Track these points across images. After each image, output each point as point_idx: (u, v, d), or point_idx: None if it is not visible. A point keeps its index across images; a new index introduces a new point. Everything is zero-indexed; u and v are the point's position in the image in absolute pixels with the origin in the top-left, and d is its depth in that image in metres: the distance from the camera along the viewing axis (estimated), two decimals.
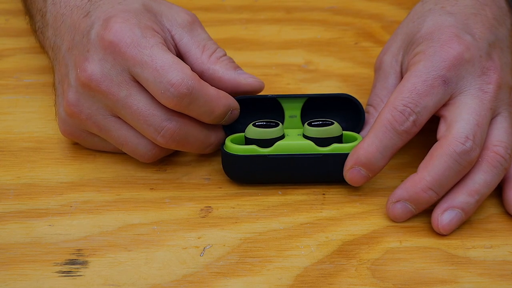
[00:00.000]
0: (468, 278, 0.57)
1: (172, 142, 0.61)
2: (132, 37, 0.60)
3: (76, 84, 0.61)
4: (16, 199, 0.63)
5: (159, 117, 0.60)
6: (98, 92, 0.60)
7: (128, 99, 0.60)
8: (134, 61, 0.59)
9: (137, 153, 0.63)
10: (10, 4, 0.81)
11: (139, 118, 0.60)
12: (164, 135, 0.60)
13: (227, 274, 0.57)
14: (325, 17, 0.81)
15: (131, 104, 0.60)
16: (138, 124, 0.61)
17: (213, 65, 0.63)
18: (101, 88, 0.60)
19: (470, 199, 0.60)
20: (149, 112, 0.60)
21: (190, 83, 0.59)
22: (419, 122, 0.60)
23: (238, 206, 0.62)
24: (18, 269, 0.58)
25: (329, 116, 0.65)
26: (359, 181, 0.61)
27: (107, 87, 0.60)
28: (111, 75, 0.60)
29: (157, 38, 0.60)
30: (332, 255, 0.59)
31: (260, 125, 0.62)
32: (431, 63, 0.61)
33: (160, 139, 0.60)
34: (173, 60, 0.59)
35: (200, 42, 0.64)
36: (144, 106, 0.60)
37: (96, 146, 0.65)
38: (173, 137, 0.61)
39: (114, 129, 0.62)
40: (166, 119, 0.60)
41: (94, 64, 0.60)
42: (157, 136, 0.60)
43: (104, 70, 0.60)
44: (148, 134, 0.61)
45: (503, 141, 0.61)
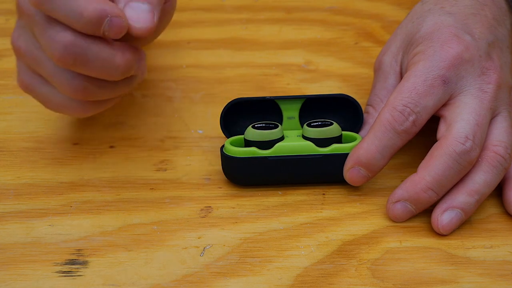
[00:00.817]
0: (468, 278, 0.57)
1: (69, 56, 0.56)
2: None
3: (17, 16, 0.60)
4: (16, 199, 0.63)
5: (54, 28, 0.56)
6: (22, 14, 0.58)
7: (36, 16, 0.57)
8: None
9: (63, 84, 0.58)
10: (10, 4, 0.81)
11: (39, 31, 0.57)
12: (58, 47, 0.56)
13: (227, 274, 0.57)
14: (325, 17, 0.81)
15: (37, 20, 0.57)
16: (39, 37, 0.57)
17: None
18: (23, 9, 0.58)
19: (470, 199, 0.60)
20: (45, 23, 0.56)
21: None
22: (418, 122, 0.60)
23: (238, 206, 0.62)
24: (18, 269, 0.58)
25: (328, 117, 0.65)
26: (359, 181, 0.62)
27: (26, 8, 0.58)
28: None
29: None
30: (332, 255, 0.59)
31: (260, 127, 0.62)
32: (431, 63, 0.61)
33: (55, 52, 0.56)
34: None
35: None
36: (41, 17, 0.57)
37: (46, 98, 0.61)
38: (68, 48, 0.56)
39: (44, 60, 0.59)
40: (61, 30, 0.56)
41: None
42: (51, 48, 0.56)
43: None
44: (47, 49, 0.57)
45: (503, 140, 0.61)
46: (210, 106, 0.70)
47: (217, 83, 0.73)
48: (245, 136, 0.63)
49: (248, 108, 0.65)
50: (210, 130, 0.68)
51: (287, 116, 0.65)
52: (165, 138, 0.68)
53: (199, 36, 0.78)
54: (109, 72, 0.58)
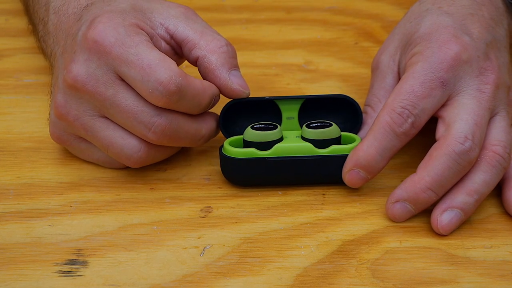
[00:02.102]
0: (468, 278, 0.57)
1: (164, 138, 0.60)
2: (116, 36, 0.59)
3: (63, 86, 0.61)
4: (16, 199, 0.63)
5: (148, 113, 0.59)
6: (84, 93, 0.60)
7: (116, 97, 0.60)
8: (120, 61, 0.59)
9: (122, 156, 0.62)
10: (10, 4, 0.81)
11: (128, 116, 0.60)
12: (155, 131, 0.60)
13: (227, 274, 0.57)
14: (325, 17, 0.81)
15: (119, 102, 0.59)
16: (127, 121, 0.60)
17: (210, 53, 0.62)
18: (87, 89, 0.60)
19: (469, 199, 0.60)
20: (138, 109, 0.59)
21: (178, 80, 0.58)
22: (417, 124, 0.60)
23: (238, 206, 0.62)
24: (18, 269, 0.58)
25: (327, 117, 0.65)
26: (358, 183, 0.62)
27: (93, 87, 0.60)
28: (96, 75, 0.60)
29: (141, 36, 0.60)
30: (332, 255, 0.59)
31: (259, 127, 0.62)
32: (429, 65, 0.61)
33: (151, 135, 0.60)
34: (159, 57, 0.59)
35: (197, 28, 0.63)
36: (132, 103, 0.59)
37: (83, 153, 0.64)
38: (164, 132, 0.60)
39: (101, 129, 0.61)
40: (155, 115, 0.59)
41: (80, 65, 0.60)
42: (148, 132, 0.60)
43: (89, 70, 0.60)
44: (138, 131, 0.60)
45: (501, 140, 0.61)
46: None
47: None
48: (244, 137, 0.63)
49: (247, 108, 0.65)
50: None
51: (286, 116, 0.65)
52: None
53: None
54: (195, 143, 0.63)
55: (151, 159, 0.63)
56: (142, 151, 0.61)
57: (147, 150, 0.62)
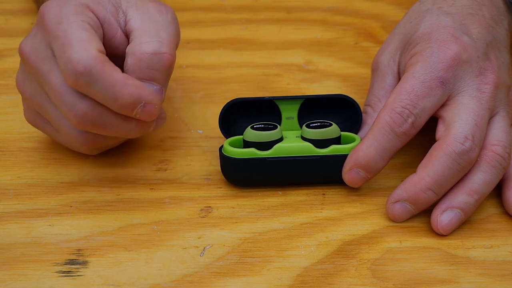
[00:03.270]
0: (468, 278, 0.57)
1: (87, 123, 0.58)
2: (57, 13, 0.58)
3: (20, 62, 0.61)
4: (16, 199, 0.63)
5: (72, 95, 0.58)
6: (29, 67, 0.60)
7: (49, 74, 0.59)
8: (51, 36, 0.58)
9: (71, 136, 0.60)
10: (10, 4, 0.81)
11: (55, 95, 0.58)
12: (77, 114, 0.58)
13: (227, 274, 0.57)
14: (325, 17, 0.81)
15: (51, 79, 0.58)
16: (55, 101, 0.59)
17: (130, 55, 0.59)
18: (30, 62, 0.59)
19: (469, 199, 0.60)
20: (64, 89, 0.58)
21: (89, 62, 0.56)
22: (417, 123, 0.60)
23: (238, 206, 0.62)
24: (18, 269, 0.58)
25: (326, 117, 0.65)
26: (357, 183, 0.62)
27: (34, 61, 0.59)
28: (38, 49, 0.59)
29: (81, 16, 0.58)
30: (332, 255, 0.59)
31: (259, 127, 0.62)
32: (429, 64, 0.61)
33: (73, 118, 0.58)
34: (84, 38, 0.57)
35: (146, 26, 0.60)
36: (61, 82, 0.58)
37: (51, 135, 0.64)
38: (86, 118, 0.58)
39: (49, 110, 0.60)
40: (79, 98, 0.58)
41: (28, 39, 0.60)
42: (70, 115, 0.58)
43: (33, 44, 0.59)
44: (64, 113, 0.59)
45: (501, 140, 0.61)
46: (210, 106, 0.71)
47: (217, 83, 0.73)
48: (244, 137, 0.63)
49: (247, 108, 0.65)
50: (210, 130, 0.68)
51: (286, 116, 0.65)
52: (165, 138, 0.68)
53: (199, 36, 0.78)
54: (125, 133, 0.60)
55: (99, 142, 0.61)
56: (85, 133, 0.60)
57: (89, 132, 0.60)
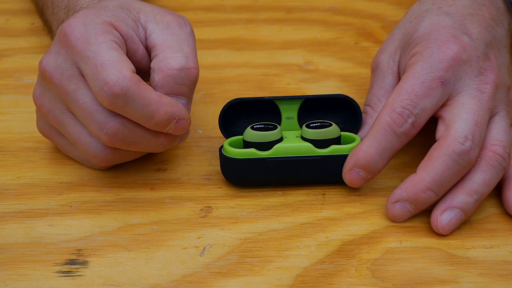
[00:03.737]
0: (468, 278, 0.57)
1: (117, 140, 0.59)
2: (82, 32, 0.59)
3: (39, 77, 0.61)
4: (16, 199, 0.63)
5: (103, 113, 0.58)
6: (52, 84, 0.60)
7: (76, 93, 0.59)
8: (80, 56, 0.58)
9: (89, 153, 0.61)
10: (10, 4, 0.81)
11: (85, 113, 0.59)
12: (108, 133, 0.59)
13: (227, 274, 0.57)
14: (325, 17, 0.81)
15: (78, 98, 0.59)
16: (84, 119, 0.59)
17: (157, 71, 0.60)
18: (53, 80, 0.60)
19: (469, 199, 0.60)
20: (93, 108, 0.59)
21: (125, 84, 0.57)
22: (417, 124, 0.60)
23: (238, 206, 0.62)
24: (18, 269, 0.58)
25: (326, 117, 0.65)
26: (358, 183, 0.62)
27: (58, 79, 0.59)
28: (62, 68, 0.59)
29: (108, 35, 0.59)
30: (332, 255, 0.59)
31: (259, 128, 0.62)
32: (429, 64, 0.61)
33: (104, 136, 0.59)
34: (116, 59, 0.58)
35: (169, 40, 0.61)
36: (90, 101, 0.59)
37: (63, 148, 0.64)
38: (117, 135, 0.59)
39: (69, 125, 0.61)
40: (110, 116, 0.58)
41: (50, 56, 0.60)
42: (101, 133, 0.59)
43: (57, 63, 0.60)
44: (93, 131, 0.59)
45: (501, 140, 0.61)
46: (210, 106, 0.70)
47: (217, 83, 0.73)
48: (244, 137, 0.63)
49: (246, 108, 0.65)
50: (210, 130, 0.68)
51: (285, 117, 0.65)
52: None
53: (199, 36, 0.78)
54: (153, 148, 0.61)
55: (118, 158, 0.62)
56: (107, 150, 0.61)
57: (112, 149, 0.61)
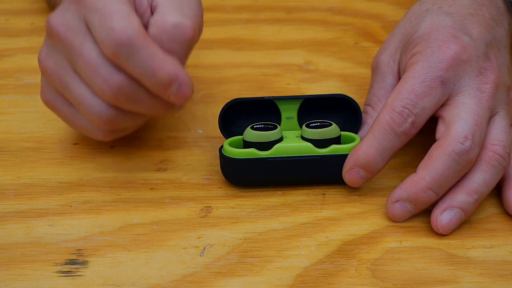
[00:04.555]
0: (468, 278, 0.57)
1: (121, 97, 0.58)
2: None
3: (45, 37, 0.60)
4: (16, 199, 0.63)
5: (109, 67, 0.57)
6: (57, 41, 0.59)
7: (82, 47, 0.58)
8: (89, 7, 0.57)
9: (92, 114, 0.59)
10: (10, 4, 0.82)
11: (89, 67, 0.58)
12: (112, 86, 0.57)
13: (227, 274, 0.57)
14: (325, 17, 0.81)
15: (83, 52, 0.58)
16: (88, 73, 0.58)
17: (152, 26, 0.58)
18: (59, 35, 0.59)
19: (469, 198, 0.60)
20: (99, 62, 0.57)
21: (131, 33, 0.56)
22: (417, 123, 0.60)
23: (238, 206, 0.62)
24: (18, 269, 0.58)
25: (326, 117, 0.65)
26: (358, 183, 0.62)
27: (64, 34, 0.58)
28: (69, 22, 0.58)
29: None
30: (332, 255, 0.59)
31: (259, 128, 0.62)
32: (429, 64, 0.61)
33: (108, 89, 0.57)
34: (126, 11, 0.57)
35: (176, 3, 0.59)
36: (96, 55, 0.57)
37: (68, 119, 0.63)
38: (121, 89, 0.57)
39: (73, 86, 0.59)
40: (115, 70, 0.57)
41: (58, 12, 0.59)
42: (105, 86, 0.57)
43: (64, 18, 0.59)
44: (97, 85, 0.58)
45: (501, 140, 0.61)
46: (210, 106, 0.71)
47: (217, 83, 0.73)
48: (244, 137, 0.63)
49: (246, 108, 0.65)
50: (210, 130, 0.68)
51: (285, 116, 0.65)
52: (165, 138, 0.68)
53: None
54: (155, 110, 0.60)
55: (121, 121, 0.60)
56: (111, 110, 0.59)
57: (116, 110, 0.59)
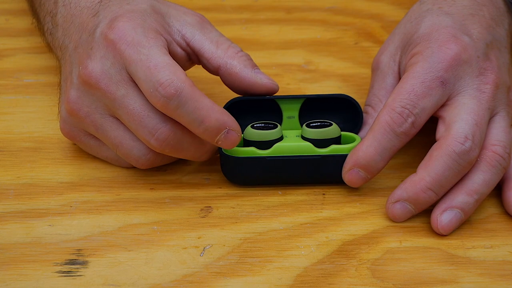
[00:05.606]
0: (468, 278, 0.57)
1: (166, 146, 0.60)
2: (133, 36, 0.59)
3: (78, 82, 0.61)
4: (16, 199, 0.63)
5: (154, 119, 0.59)
6: (97, 90, 0.60)
7: (125, 98, 0.59)
8: (131, 59, 0.59)
9: (131, 157, 0.62)
10: (10, 4, 0.81)
11: (134, 119, 0.59)
12: (158, 138, 0.59)
13: (227, 274, 0.57)
14: (325, 17, 0.81)
15: (128, 104, 0.59)
16: (133, 125, 0.60)
17: (230, 59, 0.63)
18: (100, 86, 0.60)
19: (469, 199, 0.60)
20: (144, 114, 0.59)
21: (179, 85, 0.57)
22: (417, 123, 0.60)
23: (238, 206, 0.62)
24: (18, 269, 0.58)
25: (327, 117, 0.65)
26: (357, 183, 0.62)
27: (106, 85, 0.60)
28: (110, 73, 0.60)
29: (158, 40, 0.60)
30: (332, 255, 0.59)
31: (259, 127, 0.62)
32: (429, 64, 0.61)
33: (154, 142, 0.59)
34: (169, 62, 0.58)
35: (213, 38, 0.63)
36: (140, 107, 0.59)
37: (92, 150, 0.65)
38: (167, 141, 0.59)
39: (111, 129, 0.61)
40: (161, 122, 0.59)
41: (95, 62, 0.60)
42: (151, 138, 0.59)
43: (104, 68, 0.60)
44: (142, 136, 0.60)
45: (501, 140, 0.61)
46: None
47: (217, 83, 0.73)
48: (244, 136, 0.63)
49: (248, 107, 0.65)
50: None
51: (286, 116, 0.65)
52: None
53: None
54: (198, 156, 0.62)
55: (159, 161, 0.63)
56: (150, 154, 0.61)
57: (156, 153, 0.61)
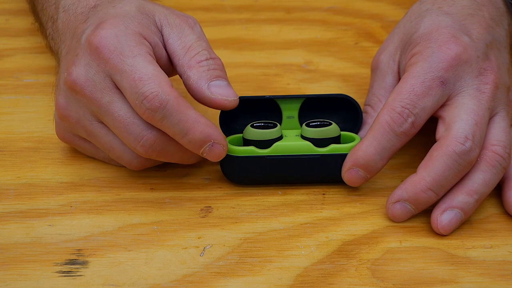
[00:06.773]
0: (468, 278, 0.57)
1: (152, 152, 0.60)
2: (116, 44, 0.59)
3: (64, 88, 0.61)
4: (16, 199, 0.63)
5: (140, 126, 0.59)
6: (82, 97, 0.60)
7: (110, 105, 0.59)
8: (116, 69, 0.59)
9: (123, 160, 0.62)
10: (10, 4, 0.81)
11: (119, 126, 0.59)
12: (144, 145, 0.59)
13: (227, 274, 0.57)
14: (325, 17, 0.81)
15: (113, 111, 0.59)
16: (119, 131, 0.60)
17: (188, 69, 0.61)
18: (85, 93, 0.60)
19: (469, 199, 0.60)
20: (129, 120, 0.59)
21: (164, 97, 0.57)
22: (417, 123, 0.60)
23: (238, 206, 0.62)
24: (18, 269, 0.58)
25: (327, 117, 0.65)
26: (357, 182, 0.62)
27: (91, 92, 0.60)
28: (95, 80, 0.60)
29: (142, 47, 0.59)
30: (332, 255, 0.59)
31: (258, 126, 0.62)
32: (429, 64, 0.61)
33: (140, 148, 0.59)
34: (153, 72, 0.58)
35: (187, 42, 0.62)
36: (125, 114, 0.59)
37: (88, 152, 0.65)
38: (153, 147, 0.59)
39: (101, 135, 0.61)
40: (146, 128, 0.59)
41: (80, 68, 0.60)
42: (137, 145, 0.59)
43: (88, 75, 0.60)
44: (128, 143, 0.60)
45: (501, 140, 0.61)
46: None
47: None
48: (244, 135, 0.63)
49: (247, 107, 0.65)
50: None
51: (286, 116, 0.65)
52: None
53: None
54: (184, 160, 0.62)
55: (151, 163, 0.63)
56: (141, 157, 0.62)
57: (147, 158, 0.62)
